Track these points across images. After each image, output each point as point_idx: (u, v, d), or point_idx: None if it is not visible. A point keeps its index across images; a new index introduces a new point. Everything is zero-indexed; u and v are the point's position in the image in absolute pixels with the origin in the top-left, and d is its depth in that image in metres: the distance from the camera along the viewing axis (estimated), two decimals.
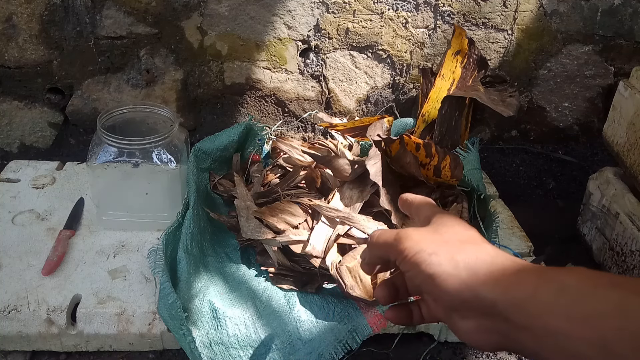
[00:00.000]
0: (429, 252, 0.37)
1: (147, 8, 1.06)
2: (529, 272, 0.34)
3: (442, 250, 0.37)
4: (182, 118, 1.18)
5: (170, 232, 0.83)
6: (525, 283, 0.33)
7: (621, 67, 1.20)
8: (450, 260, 0.36)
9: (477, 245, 0.38)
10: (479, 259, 0.36)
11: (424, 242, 0.38)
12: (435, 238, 0.39)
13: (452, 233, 0.39)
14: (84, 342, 0.77)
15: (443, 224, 0.41)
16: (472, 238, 0.39)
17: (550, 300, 0.32)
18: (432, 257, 0.37)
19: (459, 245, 0.38)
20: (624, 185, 0.96)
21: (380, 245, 0.42)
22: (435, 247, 0.38)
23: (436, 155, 0.84)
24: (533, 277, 0.34)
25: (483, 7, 1.11)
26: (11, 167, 1.06)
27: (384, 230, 0.43)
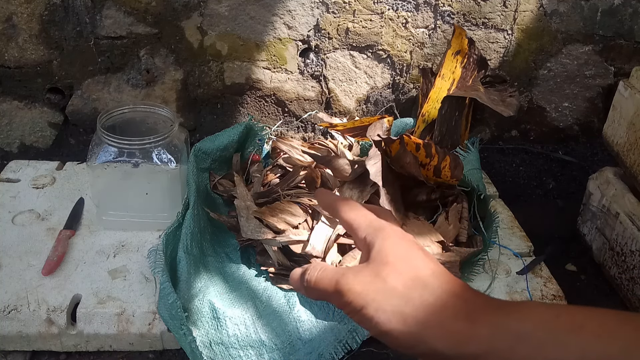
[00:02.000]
0: (375, 308, 0.35)
1: (147, 8, 1.06)
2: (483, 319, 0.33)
3: (389, 303, 0.35)
4: (182, 118, 1.18)
5: (170, 232, 0.83)
6: (479, 337, 0.32)
7: (621, 67, 1.20)
8: (399, 315, 0.34)
9: (424, 288, 0.35)
10: (428, 306, 0.34)
11: (368, 294, 0.35)
12: (379, 287, 0.35)
13: (395, 274, 0.36)
14: (84, 342, 0.77)
15: (385, 262, 0.36)
16: (418, 275, 0.36)
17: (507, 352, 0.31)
18: (379, 313, 0.34)
19: (404, 292, 0.35)
20: (624, 185, 0.96)
21: (320, 292, 0.38)
22: (380, 300, 0.35)
23: (436, 155, 0.84)
24: (488, 327, 0.32)
25: (483, 7, 1.11)
26: (11, 167, 1.06)
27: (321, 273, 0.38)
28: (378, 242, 0.38)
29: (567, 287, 0.87)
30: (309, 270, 0.39)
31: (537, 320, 0.31)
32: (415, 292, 0.35)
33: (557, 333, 0.30)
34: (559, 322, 0.31)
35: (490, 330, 0.32)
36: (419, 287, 0.35)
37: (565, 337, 0.30)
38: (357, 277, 0.36)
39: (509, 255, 0.90)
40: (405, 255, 0.37)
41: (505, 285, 0.84)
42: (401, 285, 0.35)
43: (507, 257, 0.90)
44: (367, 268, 0.37)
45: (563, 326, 0.30)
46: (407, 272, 0.36)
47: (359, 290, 0.36)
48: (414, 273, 0.36)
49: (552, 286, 0.85)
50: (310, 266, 0.40)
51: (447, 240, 0.84)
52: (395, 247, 0.37)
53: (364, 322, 0.36)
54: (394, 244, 0.38)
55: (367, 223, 0.40)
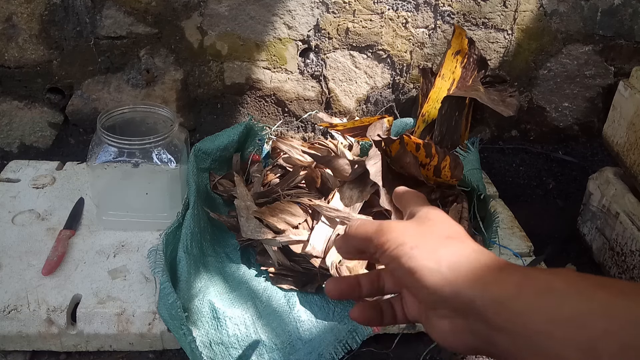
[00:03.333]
0: (411, 246, 0.36)
1: (147, 8, 1.06)
2: (513, 271, 0.34)
3: (425, 244, 0.36)
4: (182, 118, 1.18)
5: (170, 232, 0.83)
6: (507, 282, 0.33)
7: (621, 67, 1.20)
8: (433, 255, 0.35)
9: (461, 242, 0.37)
10: (462, 255, 0.35)
11: (407, 235, 0.37)
12: (419, 231, 0.38)
13: (437, 227, 0.38)
14: (84, 342, 0.77)
15: (428, 218, 0.39)
16: (457, 234, 0.38)
17: (532, 300, 0.31)
18: (413, 250, 0.36)
19: (442, 240, 0.37)
20: (624, 185, 0.96)
21: (360, 237, 0.40)
22: (418, 241, 0.36)
23: (436, 155, 0.84)
24: (516, 277, 0.33)
25: (483, 7, 1.11)
26: (11, 167, 1.06)
27: (364, 221, 0.41)
28: (424, 211, 0.41)
29: None
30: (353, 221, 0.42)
31: (567, 277, 0.32)
32: (452, 243, 0.36)
33: (584, 288, 0.31)
34: (585, 281, 0.31)
35: (520, 278, 0.32)
36: (456, 242, 0.37)
37: (591, 292, 0.30)
38: (400, 223, 0.39)
39: (509, 255, 0.90)
40: (447, 221, 0.39)
41: None
42: (439, 234, 0.37)
43: (507, 257, 0.90)
44: (410, 220, 0.40)
45: (589, 283, 0.31)
46: (447, 229, 0.38)
47: (399, 231, 0.37)
48: (454, 231, 0.38)
49: None
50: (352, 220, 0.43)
51: None
52: (438, 213, 0.40)
53: (397, 258, 0.36)
54: (437, 212, 0.40)
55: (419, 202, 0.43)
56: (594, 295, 0.30)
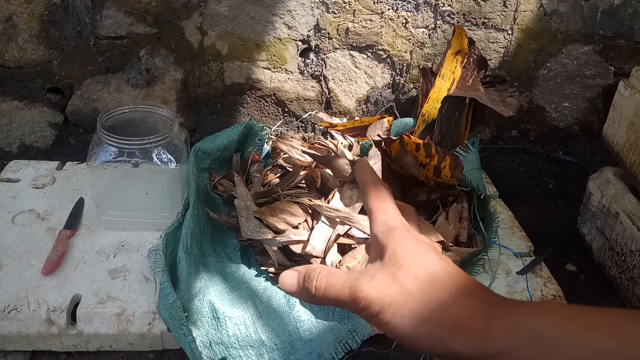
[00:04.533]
0: (392, 313, 0.34)
1: (147, 8, 1.06)
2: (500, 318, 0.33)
3: (405, 308, 0.34)
4: (182, 118, 1.18)
5: (170, 232, 0.83)
6: (496, 337, 0.32)
7: (621, 67, 1.20)
8: (417, 319, 0.34)
9: (441, 289, 0.35)
10: (446, 308, 0.34)
11: (384, 299, 0.35)
12: (394, 291, 0.35)
13: (411, 277, 0.35)
14: (84, 342, 0.77)
15: (398, 264, 0.36)
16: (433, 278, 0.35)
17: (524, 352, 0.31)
18: (396, 318, 0.34)
19: (421, 296, 0.34)
20: (624, 185, 0.96)
21: (331, 299, 0.37)
22: (397, 305, 0.34)
23: (436, 156, 0.84)
24: (503, 328, 0.32)
25: (483, 7, 1.11)
26: (11, 167, 1.06)
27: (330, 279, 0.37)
28: (391, 244, 0.37)
29: (567, 287, 0.87)
30: (316, 278, 0.38)
31: (553, 319, 0.31)
32: (431, 295, 0.35)
33: (574, 332, 0.30)
34: (575, 322, 0.31)
35: (507, 329, 0.32)
36: (435, 290, 0.35)
37: (582, 337, 0.30)
38: (372, 282, 0.36)
39: (509, 255, 0.90)
40: (419, 258, 0.36)
41: (505, 285, 0.84)
42: (417, 288, 0.35)
43: (507, 257, 0.90)
44: (381, 271, 0.36)
45: (579, 325, 0.30)
46: (422, 275, 0.35)
47: (375, 295, 0.35)
48: (430, 276, 0.35)
49: (552, 286, 0.85)
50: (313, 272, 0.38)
51: (447, 240, 0.84)
52: (409, 249, 0.37)
53: (380, 326, 0.35)
54: (408, 247, 0.37)
55: (383, 220, 0.40)
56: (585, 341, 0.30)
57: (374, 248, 0.39)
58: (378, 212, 0.40)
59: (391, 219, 0.40)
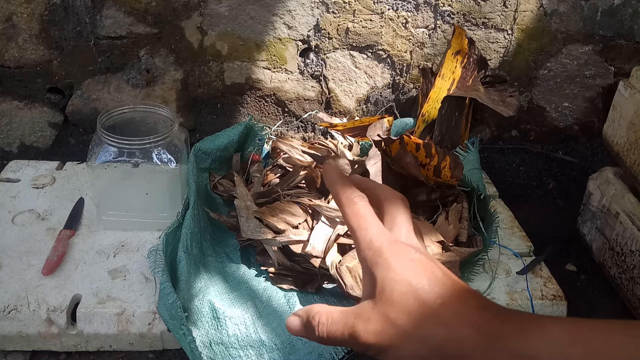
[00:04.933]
0: (393, 355, 0.35)
1: (147, 8, 1.06)
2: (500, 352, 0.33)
3: (404, 349, 0.35)
4: (182, 118, 1.18)
5: (170, 232, 0.83)
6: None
7: (621, 67, 1.20)
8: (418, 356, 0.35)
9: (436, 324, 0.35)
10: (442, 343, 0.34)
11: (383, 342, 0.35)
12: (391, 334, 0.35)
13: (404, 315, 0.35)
14: (84, 342, 0.77)
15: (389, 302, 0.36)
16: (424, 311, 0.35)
17: None
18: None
19: (416, 334, 0.35)
20: (624, 185, 0.96)
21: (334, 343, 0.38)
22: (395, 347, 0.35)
23: (436, 155, 0.84)
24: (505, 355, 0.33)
25: (483, 7, 1.11)
26: (11, 167, 1.06)
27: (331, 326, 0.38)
28: (379, 276, 0.37)
29: (567, 287, 0.87)
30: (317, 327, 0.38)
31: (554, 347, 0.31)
32: (428, 330, 0.35)
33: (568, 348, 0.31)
34: (575, 349, 0.31)
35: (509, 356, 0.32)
36: (430, 324, 0.35)
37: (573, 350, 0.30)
38: (368, 326, 0.36)
39: (509, 255, 0.90)
40: (409, 289, 0.36)
41: (505, 285, 0.84)
42: (412, 326, 0.35)
43: (507, 257, 0.90)
44: (374, 312, 0.36)
45: (579, 352, 0.31)
46: (414, 309, 0.35)
47: (373, 341, 0.36)
48: (423, 308, 0.35)
49: (552, 286, 0.85)
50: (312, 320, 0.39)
51: (447, 240, 0.84)
52: (398, 282, 0.36)
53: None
54: (396, 278, 0.36)
55: (367, 241, 0.39)
56: None
57: (365, 275, 0.39)
58: (359, 231, 0.39)
59: (375, 237, 0.38)
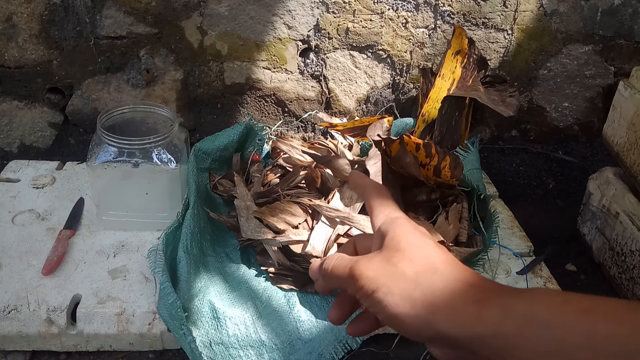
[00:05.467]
0: (385, 292, 0.36)
1: (147, 8, 1.06)
2: (492, 302, 0.33)
3: (398, 287, 0.36)
4: (182, 118, 1.18)
5: (170, 232, 0.83)
6: (487, 317, 0.32)
7: (621, 67, 1.20)
8: (407, 299, 0.35)
9: (434, 273, 0.36)
10: (437, 290, 0.35)
11: (379, 278, 0.36)
12: (389, 272, 0.36)
13: (406, 260, 0.37)
14: (84, 342, 0.77)
15: (397, 249, 0.38)
16: (428, 262, 0.37)
17: (514, 334, 0.31)
18: (387, 297, 0.35)
19: (414, 278, 0.36)
20: (624, 185, 0.96)
21: (335, 278, 0.40)
22: (390, 284, 0.36)
23: (436, 155, 0.84)
24: (496, 310, 0.32)
25: (483, 7, 1.11)
26: (11, 167, 1.06)
27: (337, 261, 0.40)
28: (391, 231, 0.39)
29: (567, 287, 0.87)
30: (327, 260, 0.41)
31: (545, 304, 0.32)
32: (424, 278, 0.36)
33: (565, 316, 0.30)
34: (566, 307, 0.31)
35: (498, 313, 0.32)
36: (428, 273, 0.36)
37: (573, 320, 0.30)
38: (370, 263, 0.38)
39: (509, 255, 0.90)
40: (416, 243, 0.38)
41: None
42: (411, 270, 0.36)
43: (507, 257, 0.90)
44: (379, 255, 0.38)
45: (571, 310, 0.31)
46: (417, 259, 0.37)
47: (370, 275, 0.37)
48: (425, 260, 0.37)
49: (552, 286, 0.85)
50: (329, 257, 0.41)
51: (447, 240, 0.84)
52: (407, 235, 0.39)
53: (374, 305, 0.36)
54: (407, 233, 0.39)
55: (385, 212, 0.42)
56: (575, 323, 0.30)
57: (377, 239, 0.41)
58: (380, 207, 0.43)
59: (392, 211, 0.42)
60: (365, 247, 0.45)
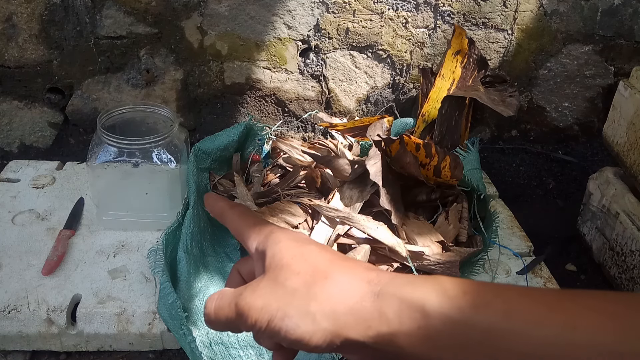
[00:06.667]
0: (281, 317, 0.32)
1: (147, 8, 1.06)
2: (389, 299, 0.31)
3: (293, 307, 0.32)
4: (182, 118, 1.18)
5: (170, 232, 0.83)
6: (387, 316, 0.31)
7: (621, 67, 1.20)
8: (307, 316, 0.32)
9: (325, 280, 0.33)
10: (333, 297, 0.32)
11: (271, 305, 0.33)
12: (280, 293, 0.33)
13: (293, 274, 0.34)
14: (84, 342, 0.77)
15: (280, 265, 0.34)
16: (316, 270, 0.34)
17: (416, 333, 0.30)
18: (285, 321, 0.32)
19: (307, 291, 0.33)
20: (624, 185, 0.96)
21: (224, 323, 0.35)
22: (284, 307, 0.32)
23: (436, 155, 0.84)
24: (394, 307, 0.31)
25: (483, 7, 1.11)
26: (11, 167, 1.06)
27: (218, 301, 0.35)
28: (269, 249, 0.36)
29: (567, 287, 0.87)
30: (207, 303, 0.36)
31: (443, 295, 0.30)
32: (317, 288, 0.33)
33: (464, 310, 0.29)
34: (465, 299, 0.30)
35: (397, 308, 0.31)
36: (320, 282, 0.33)
37: (470, 315, 0.29)
38: (256, 291, 0.34)
39: (509, 255, 0.90)
40: (299, 253, 0.35)
41: None
42: (302, 284, 0.33)
43: (507, 257, 0.90)
44: (264, 278, 0.35)
45: (468, 303, 0.30)
46: (305, 270, 0.34)
47: (260, 304, 0.33)
48: (312, 269, 0.34)
49: (552, 286, 0.85)
50: (208, 298, 0.36)
51: (447, 240, 0.84)
52: (288, 247, 0.36)
53: (274, 336, 0.33)
54: (287, 245, 0.36)
55: (256, 231, 0.38)
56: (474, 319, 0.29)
57: (257, 261, 0.37)
58: (247, 228, 0.39)
59: (262, 227, 0.38)
60: (249, 271, 0.41)
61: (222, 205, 0.42)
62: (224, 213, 0.42)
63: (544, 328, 0.28)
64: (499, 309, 0.29)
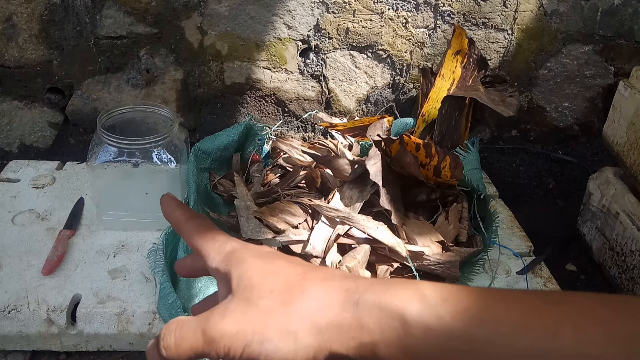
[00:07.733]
0: (259, 340, 0.30)
1: (147, 8, 1.06)
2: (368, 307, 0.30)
3: (272, 328, 0.30)
4: (182, 118, 1.18)
5: (170, 232, 0.83)
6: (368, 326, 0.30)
7: (621, 67, 1.20)
8: (288, 335, 0.30)
9: (301, 294, 0.31)
10: (312, 311, 0.31)
11: (246, 328, 0.30)
12: (255, 315, 0.31)
13: (268, 292, 0.32)
14: (84, 342, 0.77)
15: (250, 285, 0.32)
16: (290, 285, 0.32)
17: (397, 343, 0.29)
18: (265, 345, 0.30)
19: (284, 309, 0.31)
20: (624, 185, 0.96)
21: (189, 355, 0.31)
22: (262, 329, 0.30)
23: (436, 155, 0.84)
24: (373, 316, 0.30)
25: (483, 7, 1.11)
26: (11, 167, 1.06)
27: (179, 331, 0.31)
28: (234, 269, 0.34)
29: (567, 287, 0.87)
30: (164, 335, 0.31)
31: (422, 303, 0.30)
32: (294, 304, 0.31)
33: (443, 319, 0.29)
34: (444, 307, 0.29)
35: (377, 317, 0.30)
36: (296, 297, 0.31)
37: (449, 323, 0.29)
38: (226, 316, 0.31)
39: (509, 255, 0.90)
40: (269, 270, 0.33)
41: (505, 285, 0.84)
42: (277, 302, 0.31)
43: (507, 257, 0.90)
44: (233, 301, 0.32)
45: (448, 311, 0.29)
46: (278, 287, 0.32)
47: (234, 329, 0.30)
48: (286, 284, 0.32)
49: (552, 286, 0.85)
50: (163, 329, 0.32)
51: (447, 240, 0.84)
52: (255, 266, 0.33)
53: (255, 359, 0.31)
54: (253, 263, 0.33)
55: (215, 249, 0.35)
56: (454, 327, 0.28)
57: (220, 283, 0.35)
58: (205, 244, 0.36)
59: (222, 243, 0.36)
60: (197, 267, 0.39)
61: (178, 216, 0.39)
62: (179, 225, 0.39)
63: (525, 336, 0.27)
64: (477, 317, 0.29)
